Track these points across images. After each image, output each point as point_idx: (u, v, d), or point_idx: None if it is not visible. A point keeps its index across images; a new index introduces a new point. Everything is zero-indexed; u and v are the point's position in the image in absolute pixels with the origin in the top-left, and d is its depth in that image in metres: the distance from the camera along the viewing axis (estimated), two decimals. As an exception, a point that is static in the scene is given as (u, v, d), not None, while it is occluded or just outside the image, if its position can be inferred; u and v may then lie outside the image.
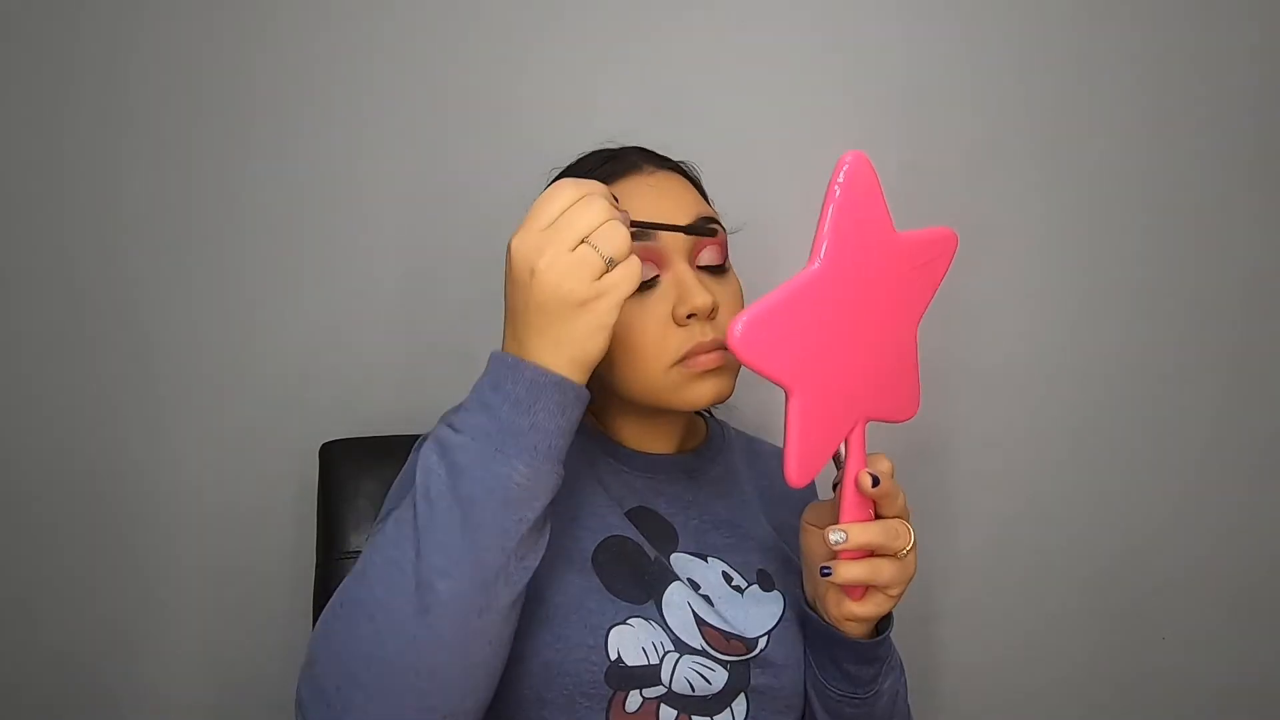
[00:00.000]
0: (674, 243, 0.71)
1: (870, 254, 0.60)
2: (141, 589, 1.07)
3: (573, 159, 0.81)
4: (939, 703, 1.21)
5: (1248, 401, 1.21)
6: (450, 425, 0.59)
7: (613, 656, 0.68)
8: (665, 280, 0.71)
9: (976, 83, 1.13)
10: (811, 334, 0.58)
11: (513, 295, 0.59)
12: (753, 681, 0.73)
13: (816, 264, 0.57)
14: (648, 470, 0.80)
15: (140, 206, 1.03)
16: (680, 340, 0.70)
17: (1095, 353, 1.18)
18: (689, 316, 0.70)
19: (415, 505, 0.57)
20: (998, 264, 1.15)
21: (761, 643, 0.74)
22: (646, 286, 0.71)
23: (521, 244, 0.58)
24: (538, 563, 0.60)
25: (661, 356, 0.71)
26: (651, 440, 0.81)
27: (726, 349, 0.70)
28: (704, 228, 0.71)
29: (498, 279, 1.08)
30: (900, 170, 1.13)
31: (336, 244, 1.06)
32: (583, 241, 0.57)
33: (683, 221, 0.71)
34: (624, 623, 0.69)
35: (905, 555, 0.65)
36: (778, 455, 0.91)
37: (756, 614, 0.75)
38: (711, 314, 0.71)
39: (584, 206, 0.58)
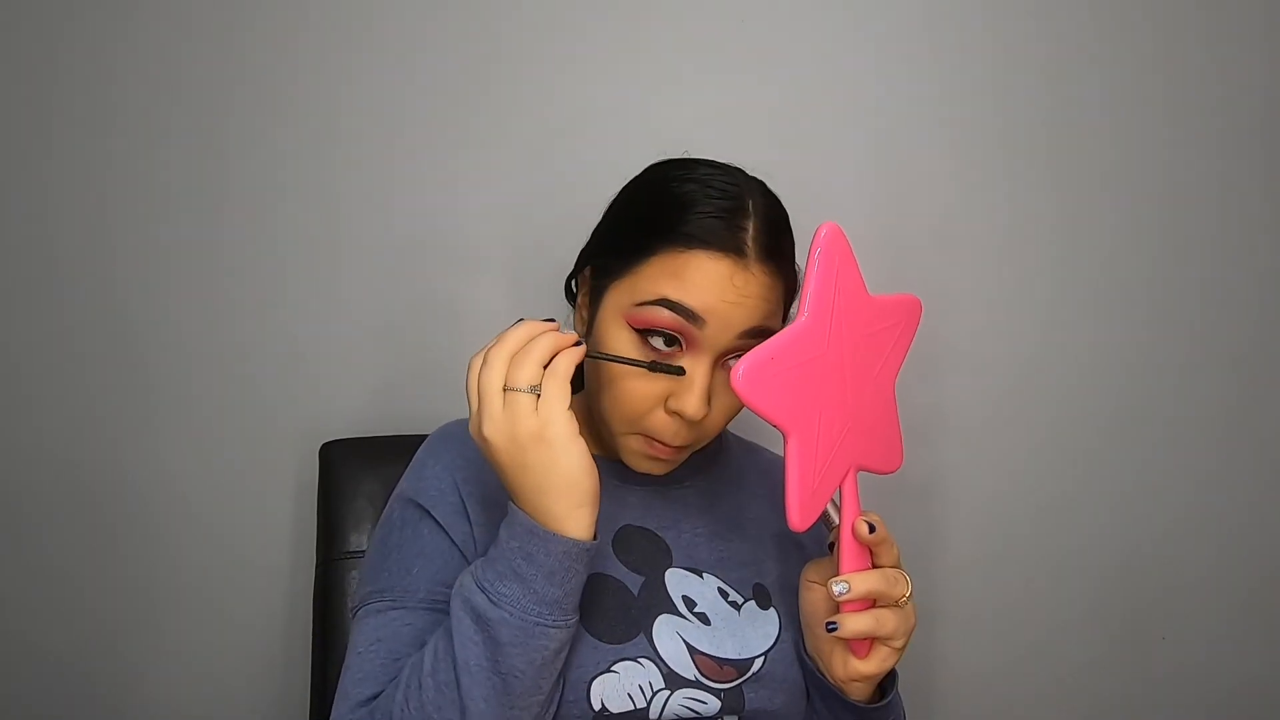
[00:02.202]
0: (714, 336, 0.68)
1: (848, 313, 0.66)
2: (141, 590, 1.07)
3: (680, 174, 0.72)
4: (939, 707, 1.20)
5: (1252, 404, 1.21)
6: (484, 591, 0.62)
7: (596, 707, 0.68)
8: (682, 365, 0.69)
9: (982, 80, 1.13)
10: (803, 381, 0.64)
11: (499, 473, 0.63)
12: (747, 706, 0.72)
13: (804, 317, 0.64)
14: (640, 483, 0.79)
15: (137, 206, 1.03)
16: (656, 422, 0.70)
17: (1099, 357, 1.18)
18: (674, 413, 0.69)
19: (456, 677, 0.61)
20: (999, 263, 1.16)
21: (758, 664, 0.73)
22: (666, 355, 0.69)
23: (472, 427, 0.63)
24: (560, 691, 0.66)
25: (631, 419, 0.71)
26: None
27: (687, 448, 0.73)
28: (667, 366, 0.68)
29: (500, 280, 1.10)
30: (908, 174, 1.14)
31: (338, 244, 1.06)
32: (505, 391, 0.62)
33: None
34: (608, 670, 0.69)
35: (905, 604, 0.67)
36: (779, 464, 0.91)
37: (753, 634, 0.75)
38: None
39: (488, 368, 0.62)
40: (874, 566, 0.67)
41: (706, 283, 0.67)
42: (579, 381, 0.85)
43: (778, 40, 1.09)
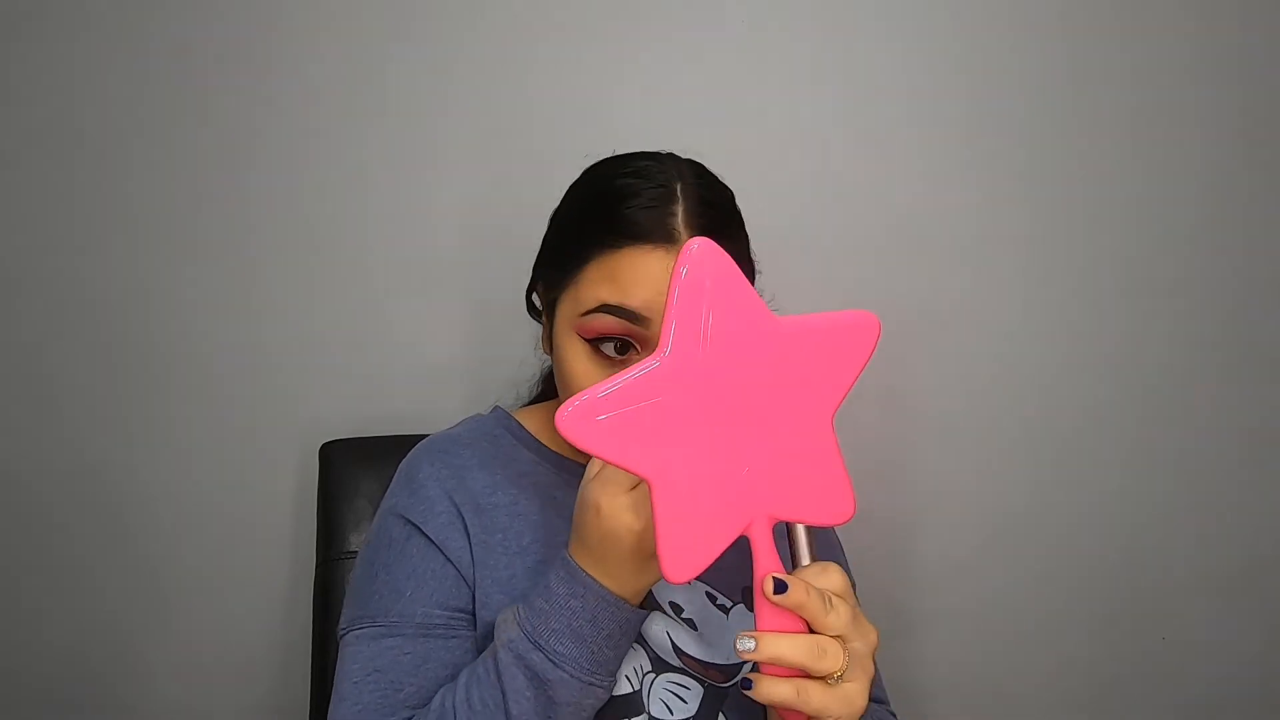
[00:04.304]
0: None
1: (736, 342, 0.57)
2: (142, 588, 1.07)
3: (615, 157, 0.72)
4: (931, 705, 1.20)
5: (1246, 400, 1.20)
6: (540, 649, 0.61)
7: None
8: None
9: (969, 86, 1.12)
10: (664, 423, 0.56)
11: (586, 533, 0.62)
12: (732, 706, 0.72)
13: (664, 354, 0.56)
14: None
15: (143, 207, 1.03)
16: None
17: (1090, 353, 1.17)
18: None
19: None
20: (991, 260, 1.15)
21: (747, 668, 0.72)
22: (620, 362, 0.66)
23: (601, 494, 0.61)
24: None
25: None
26: None
27: None
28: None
29: (497, 280, 1.09)
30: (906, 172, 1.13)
31: (337, 244, 1.06)
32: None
33: None
34: None
35: (837, 683, 0.56)
36: None
37: None
38: None
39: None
40: (812, 631, 0.57)
41: (643, 279, 0.64)
42: (551, 389, 0.84)
43: (749, 37, 1.08)
